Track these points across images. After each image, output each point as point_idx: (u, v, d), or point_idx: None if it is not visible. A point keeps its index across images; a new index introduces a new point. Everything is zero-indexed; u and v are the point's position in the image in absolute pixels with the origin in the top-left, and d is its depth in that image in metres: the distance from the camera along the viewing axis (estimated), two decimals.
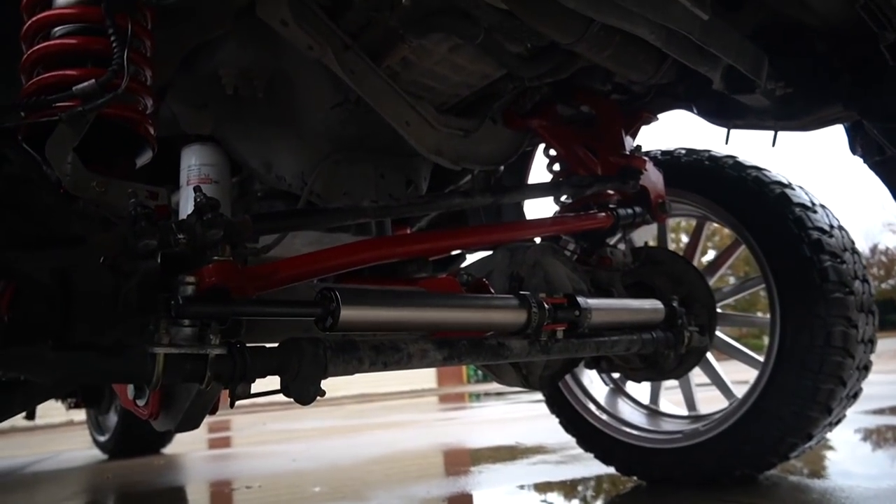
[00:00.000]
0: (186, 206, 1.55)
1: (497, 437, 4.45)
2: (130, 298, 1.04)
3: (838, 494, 1.97)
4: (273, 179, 1.83)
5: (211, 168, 1.65)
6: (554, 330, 1.56)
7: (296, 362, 1.15)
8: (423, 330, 1.40)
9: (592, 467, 2.59)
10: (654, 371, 2.08)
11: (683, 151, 2.27)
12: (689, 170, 2.20)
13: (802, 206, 1.98)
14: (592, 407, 2.43)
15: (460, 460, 3.73)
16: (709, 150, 2.23)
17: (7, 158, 1.03)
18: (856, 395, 2.00)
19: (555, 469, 2.87)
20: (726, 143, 2.01)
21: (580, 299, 1.60)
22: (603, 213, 1.98)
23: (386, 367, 1.28)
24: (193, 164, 1.65)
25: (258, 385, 1.16)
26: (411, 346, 1.32)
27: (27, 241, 1.00)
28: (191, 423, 1.19)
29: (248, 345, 1.13)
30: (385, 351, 1.28)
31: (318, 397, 1.18)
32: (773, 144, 1.86)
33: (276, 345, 1.19)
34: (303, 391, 1.16)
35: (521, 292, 1.52)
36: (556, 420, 2.52)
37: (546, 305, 1.51)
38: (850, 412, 2.06)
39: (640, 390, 2.47)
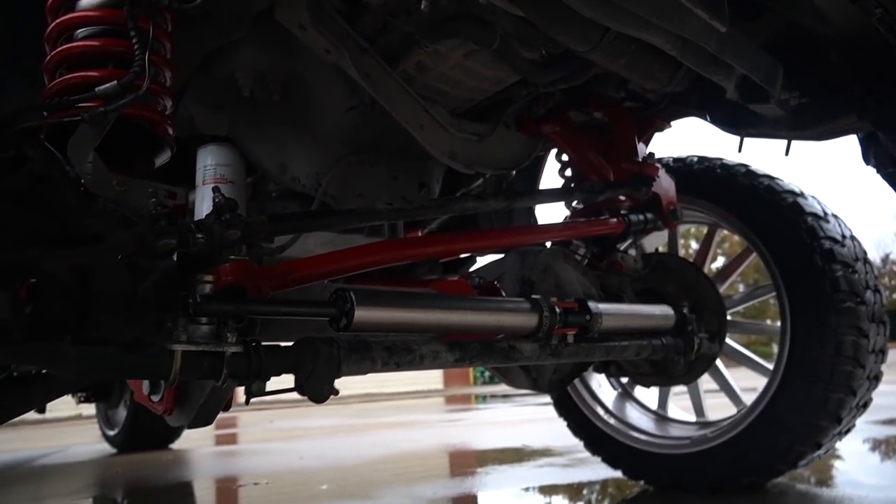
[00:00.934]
0: (202, 205, 1.57)
1: (503, 438, 4.46)
2: (148, 296, 1.06)
3: None
4: (288, 180, 1.85)
5: (226, 168, 1.67)
6: (564, 334, 1.57)
7: (310, 361, 1.17)
8: (436, 331, 1.41)
9: (599, 471, 2.59)
10: (663, 377, 2.09)
11: (696, 159, 2.28)
12: (701, 177, 2.20)
13: (814, 215, 1.98)
14: (601, 411, 2.43)
15: (466, 461, 3.74)
16: (721, 158, 2.23)
17: (29, 157, 1.04)
18: (865, 405, 2.00)
19: (561, 472, 2.87)
20: (739, 151, 2.01)
21: (591, 304, 1.61)
22: (614, 219, 1.98)
23: (398, 367, 1.29)
24: (209, 164, 1.67)
25: (271, 383, 1.18)
26: (423, 348, 1.34)
27: (47, 238, 1.02)
28: (204, 420, 1.20)
29: (263, 343, 1.14)
30: (398, 352, 1.29)
31: (332, 396, 1.20)
32: (787, 153, 1.86)
33: (290, 344, 1.21)
34: (317, 390, 1.18)
35: (533, 296, 1.53)
36: (564, 423, 2.53)
37: (557, 309, 1.52)
38: (859, 422, 2.06)
39: (648, 395, 2.48)
